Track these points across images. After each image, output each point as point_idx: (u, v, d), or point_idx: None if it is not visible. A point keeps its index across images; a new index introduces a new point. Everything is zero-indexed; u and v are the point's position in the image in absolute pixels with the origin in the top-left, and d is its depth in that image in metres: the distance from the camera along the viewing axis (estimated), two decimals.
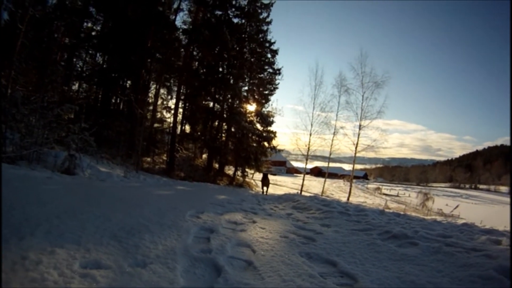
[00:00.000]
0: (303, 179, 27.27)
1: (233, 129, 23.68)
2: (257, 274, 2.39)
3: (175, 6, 23.42)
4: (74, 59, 21.53)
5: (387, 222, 5.40)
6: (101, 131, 11.55)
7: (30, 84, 11.02)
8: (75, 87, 21.55)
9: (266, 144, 24.09)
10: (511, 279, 2.15)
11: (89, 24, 22.37)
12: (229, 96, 23.24)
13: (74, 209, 3.45)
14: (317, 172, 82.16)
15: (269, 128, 24.23)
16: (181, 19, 25.22)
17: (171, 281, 1.99)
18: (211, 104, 24.29)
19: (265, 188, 16.17)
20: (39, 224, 2.62)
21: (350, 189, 27.19)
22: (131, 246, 2.49)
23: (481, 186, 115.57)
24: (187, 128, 27.07)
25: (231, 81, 22.74)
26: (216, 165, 24.78)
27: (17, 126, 8.28)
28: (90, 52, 22.42)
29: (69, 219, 2.99)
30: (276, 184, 31.08)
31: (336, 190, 42.14)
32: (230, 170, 25.29)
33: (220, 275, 2.24)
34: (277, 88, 26.39)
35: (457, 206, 31.66)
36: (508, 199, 71.10)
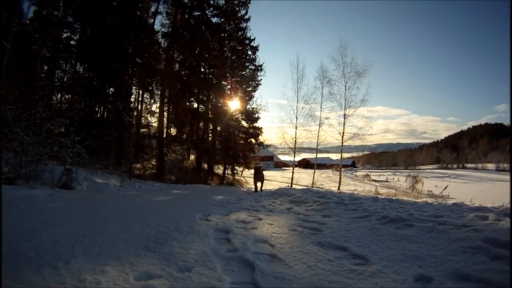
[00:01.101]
0: (292, 172, 27.63)
1: (219, 128, 23.86)
2: (284, 264, 2.69)
3: (152, 9, 23.41)
4: (56, 71, 21.56)
5: (382, 208, 5.69)
6: (91, 141, 11.61)
7: (19, 102, 10.83)
8: (57, 98, 21.47)
9: (253, 140, 24.41)
10: (511, 279, 2.24)
11: (67, 34, 22.06)
12: (212, 96, 23.38)
13: (93, 225, 3.61)
14: (305, 164, 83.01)
15: (255, 124, 24.43)
16: (159, 22, 25.29)
17: (219, 279, 2.26)
18: (196, 105, 24.41)
19: (258, 184, 14.19)
20: (72, 245, 2.77)
21: (340, 178, 27.39)
22: (167, 254, 2.73)
23: (468, 165, 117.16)
24: (173, 130, 27.17)
25: (214, 81, 22.92)
26: (205, 166, 24.85)
27: (11, 145, 8.30)
28: (70, 62, 22.27)
29: (96, 236, 3.15)
30: (266, 179, 31.64)
31: (326, 180, 42.53)
32: (219, 169, 25.40)
33: (255, 269, 2.53)
34: (260, 84, 26.63)
35: (446, 187, 32.38)
36: (495, 175, 73.15)
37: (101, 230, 3.41)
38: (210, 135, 24.95)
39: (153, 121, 26.47)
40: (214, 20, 23.29)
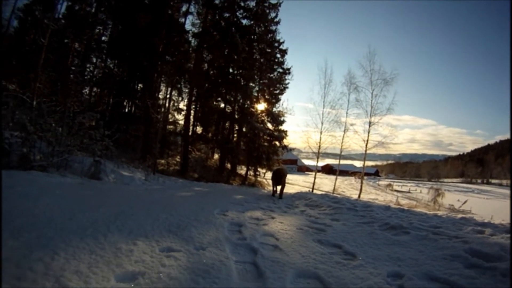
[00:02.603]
0: (315, 177, 27.07)
1: (244, 129, 24.01)
2: (283, 253, 3.12)
3: (184, 9, 23.61)
4: (87, 65, 21.88)
5: (388, 216, 5.88)
6: (119, 136, 12.16)
7: (54, 95, 11.33)
8: (86, 92, 21.63)
9: (277, 143, 24.52)
10: (511, 279, 2.39)
11: (99, 30, 22.64)
12: (239, 97, 23.52)
13: (123, 211, 4.05)
14: (328, 170, 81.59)
15: (280, 127, 24.60)
16: (190, 22, 25.58)
17: (226, 257, 2.70)
18: (222, 105, 24.62)
19: (278, 187, 11.78)
20: (107, 225, 3.25)
21: (361, 186, 27.08)
22: (187, 237, 3.20)
23: (493, 181, 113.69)
24: (199, 129, 27.17)
25: (242, 82, 23.09)
26: (228, 165, 25.05)
27: (45, 136, 8.71)
28: (101, 57, 22.77)
29: (126, 220, 3.59)
30: (288, 183, 31.73)
31: (348, 187, 42.11)
32: (242, 170, 25.58)
33: (257, 254, 2.98)
34: (287, 87, 26.67)
35: (465, 202, 31.57)
36: None
37: (130, 215, 3.84)
38: (235, 135, 25.14)
39: (180, 118, 26.68)
40: (244, 22, 23.46)
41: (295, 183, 35.60)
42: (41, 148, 8.51)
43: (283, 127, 24.76)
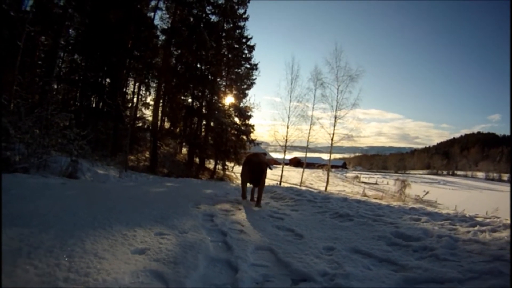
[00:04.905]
0: (282, 170, 28.27)
1: (212, 124, 24.42)
2: (246, 235, 3.87)
3: (153, 3, 23.60)
4: (57, 61, 20.76)
5: (341, 207, 6.49)
6: (90, 133, 12.40)
7: (28, 94, 11.49)
8: (54, 86, 20.51)
9: (244, 137, 25.14)
10: (511, 279, 2.48)
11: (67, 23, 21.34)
12: (207, 92, 23.95)
13: (113, 207, 4.54)
14: (296, 163, 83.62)
15: (247, 121, 25.26)
16: (159, 17, 25.38)
17: (204, 238, 3.42)
18: (190, 100, 25.06)
19: (255, 191, 7.63)
20: (107, 218, 3.77)
21: (328, 178, 28.34)
22: (171, 225, 3.90)
23: (458, 173, 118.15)
24: (167, 124, 27.62)
25: (210, 78, 23.57)
26: (197, 160, 25.51)
27: (23, 137, 8.79)
28: (67, 51, 22.15)
29: (118, 214, 4.09)
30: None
31: (316, 180, 43.40)
32: (210, 164, 26.12)
33: (227, 235, 3.76)
34: (254, 83, 27.60)
35: (426, 193, 33.24)
36: (484, 184, 73.37)
37: (120, 211, 4.30)
38: (203, 130, 25.56)
39: (148, 114, 26.76)
40: (213, 18, 23.79)
41: None
42: (20, 150, 8.68)
43: (250, 121, 25.42)
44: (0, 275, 1.86)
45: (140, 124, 25.45)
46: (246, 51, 26.30)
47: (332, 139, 26.01)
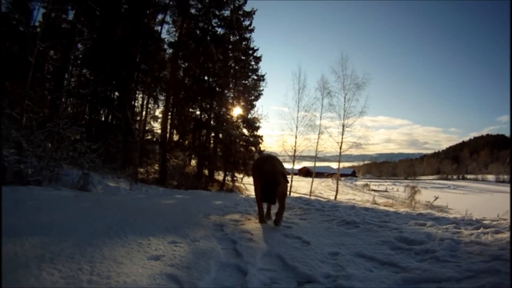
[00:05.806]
0: (291, 180, 27.62)
1: (221, 136, 24.50)
2: (255, 243, 3.97)
3: (159, 17, 24.03)
4: (66, 75, 21.67)
5: (348, 214, 6.48)
6: (100, 146, 12.61)
7: (39, 108, 11.54)
8: (63, 100, 21.02)
9: (253, 148, 25.11)
10: (511, 279, 2.47)
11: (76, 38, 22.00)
12: (215, 104, 24.12)
13: (126, 218, 4.63)
14: (305, 172, 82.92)
15: (255, 132, 25.22)
16: (165, 31, 25.56)
17: (215, 246, 3.52)
18: (198, 112, 25.18)
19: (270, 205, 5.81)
20: (122, 228, 3.86)
21: (337, 187, 28.14)
22: (183, 234, 4.04)
23: (468, 176, 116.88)
24: (176, 137, 27.65)
25: (217, 90, 23.77)
26: (206, 172, 25.50)
27: (35, 151, 9.02)
28: (77, 65, 22.86)
29: (132, 224, 4.17)
30: None
31: (325, 189, 43.05)
32: (219, 176, 26.03)
33: (236, 243, 3.89)
34: (261, 94, 27.43)
35: (436, 198, 33.12)
36: (494, 187, 72.66)
37: (133, 221, 4.45)
38: (212, 142, 25.66)
39: (156, 126, 26.95)
40: (219, 30, 24.09)
41: None
42: (32, 163, 8.85)
43: (258, 132, 25.40)
44: (0, 275, 1.92)
45: (149, 137, 25.57)
46: (252, 63, 26.44)
47: (340, 148, 25.90)
